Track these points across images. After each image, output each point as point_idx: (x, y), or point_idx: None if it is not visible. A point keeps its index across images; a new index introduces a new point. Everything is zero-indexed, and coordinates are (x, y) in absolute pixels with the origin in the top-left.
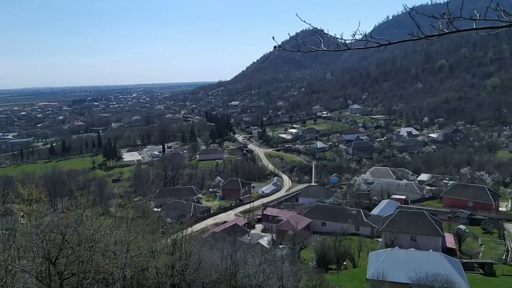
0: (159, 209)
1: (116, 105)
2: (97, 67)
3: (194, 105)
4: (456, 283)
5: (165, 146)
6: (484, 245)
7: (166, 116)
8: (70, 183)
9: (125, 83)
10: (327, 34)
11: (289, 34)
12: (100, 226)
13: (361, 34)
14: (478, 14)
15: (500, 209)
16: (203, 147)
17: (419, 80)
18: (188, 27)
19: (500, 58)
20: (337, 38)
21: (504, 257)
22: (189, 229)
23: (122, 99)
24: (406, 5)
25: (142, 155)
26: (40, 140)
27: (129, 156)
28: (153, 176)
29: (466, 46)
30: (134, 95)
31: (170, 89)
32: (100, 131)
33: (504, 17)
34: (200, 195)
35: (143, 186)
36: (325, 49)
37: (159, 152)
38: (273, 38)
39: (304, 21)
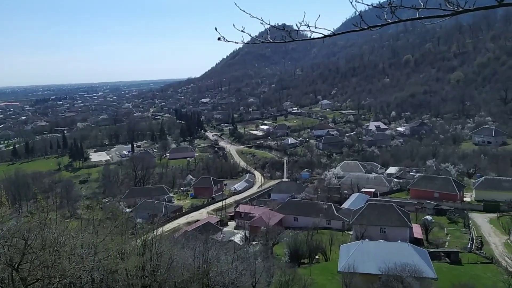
0: (130, 210)
1: (82, 104)
2: (59, 65)
3: (163, 103)
4: (423, 272)
5: (134, 145)
6: (450, 235)
7: (134, 114)
8: (34, 185)
9: (91, 81)
10: (288, 30)
11: (249, 35)
12: (65, 229)
13: (316, 27)
14: (421, 3)
15: (464, 199)
16: (173, 146)
17: (387, 75)
18: (155, 23)
19: (463, 52)
20: (293, 30)
21: (469, 246)
22: (160, 229)
23: (87, 97)
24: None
25: (110, 155)
26: (2, 142)
27: (96, 157)
28: (122, 176)
29: (431, 41)
30: (100, 93)
31: (138, 87)
32: (65, 131)
33: (447, 6)
34: (171, 194)
35: (112, 186)
36: (271, 40)
37: (128, 151)
38: (215, 29)
39: (256, 17)
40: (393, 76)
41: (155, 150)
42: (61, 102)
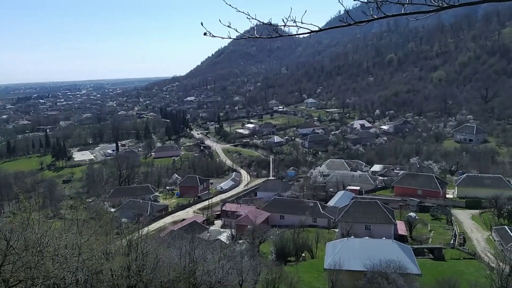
0: (114, 209)
1: (65, 103)
2: (41, 63)
3: (148, 101)
4: (407, 268)
5: (119, 144)
6: (433, 231)
7: (119, 113)
8: (16, 185)
9: (74, 79)
10: (274, 25)
11: (236, 30)
12: (49, 229)
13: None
14: None
15: (447, 196)
16: (158, 144)
17: (370, 73)
18: (139, 20)
19: (445, 51)
20: (280, 25)
21: (452, 242)
22: (145, 229)
23: (70, 96)
24: None
25: (94, 154)
26: None
27: (80, 156)
28: (107, 176)
29: (413, 40)
30: (83, 91)
31: (122, 85)
32: (48, 130)
33: (432, 1)
34: (157, 194)
35: (96, 186)
36: (258, 36)
37: (113, 150)
38: (201, 24)
39: (242, 12)
40: (377, 75)
41: (140, 149)
42: (43, 101)
